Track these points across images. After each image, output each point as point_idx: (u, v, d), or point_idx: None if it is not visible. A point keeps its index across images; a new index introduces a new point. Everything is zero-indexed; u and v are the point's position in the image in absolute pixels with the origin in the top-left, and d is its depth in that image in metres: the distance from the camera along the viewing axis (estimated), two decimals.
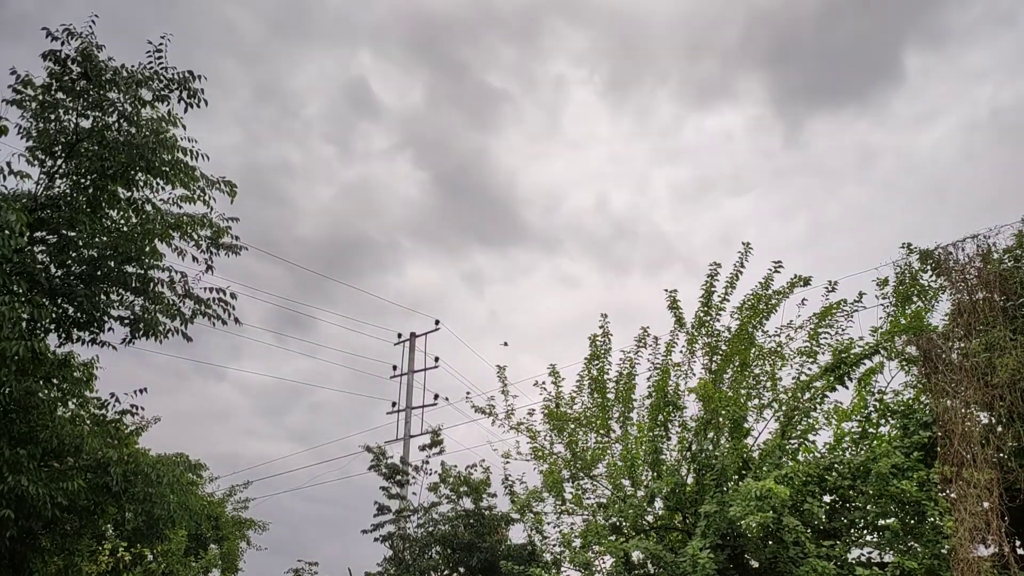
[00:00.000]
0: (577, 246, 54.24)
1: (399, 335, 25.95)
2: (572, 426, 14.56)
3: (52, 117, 10.76)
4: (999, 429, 10.44)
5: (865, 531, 11.62)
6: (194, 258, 11.82)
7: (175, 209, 11.61)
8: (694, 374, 13.70)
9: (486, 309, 54.26)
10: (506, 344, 15.43)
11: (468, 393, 16.45)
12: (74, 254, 11.00)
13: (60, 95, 10.72)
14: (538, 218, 52.80)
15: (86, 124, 10.87)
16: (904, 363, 12.03)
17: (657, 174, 54.57)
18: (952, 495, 10.24)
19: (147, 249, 11.05)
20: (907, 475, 10.64)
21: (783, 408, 12.97)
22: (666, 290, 14.30)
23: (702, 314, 13.80)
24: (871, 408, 12.34)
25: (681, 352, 13.98)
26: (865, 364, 12.50)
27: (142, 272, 11.37)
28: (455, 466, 19.53)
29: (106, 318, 11.51)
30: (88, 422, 12.54)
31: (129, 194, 11.25)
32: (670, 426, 13.64)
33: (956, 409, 10.57)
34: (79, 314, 11.23)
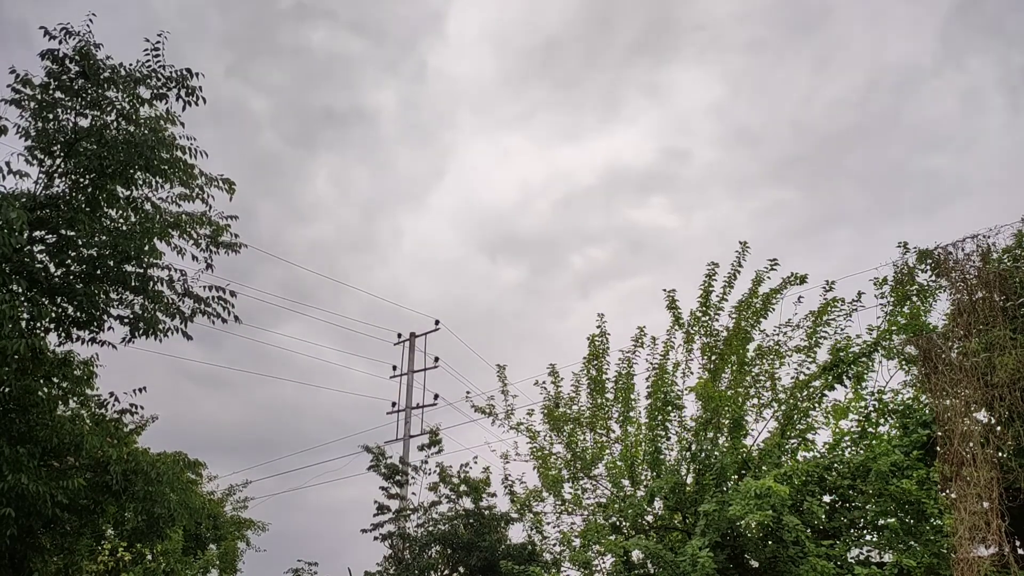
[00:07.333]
0: None
1: (399, 335, 25.92)
2: (571, 426, 14.54)
3: (51, 116, 10.75)
4: (999, 429, 10.44)
5: (865, 530, 11.63)
6: (193, 257, 11.80)
7: (174, 208, 11.60)
8: (692, 373, 13.71)
9: None
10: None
11: (468, 392, 16.40)
12: (73, 253, 10.97)
13: (59, 94, 10.72)
14: None
15: (84, 123, 10.86)
16: (904, 362, 12.04)
17: None
18: (952, 495, 10.25)
19: (146, 248, 11.00)
20: (907, 474, 10.65)
21: (782, 407, 12.97)
22: (665, 290, 14.32)
23: (700, 313, 13.80)
24: (870, 407, 12.34)
25: (679, 351, 13.98)
26: (863, 362, 12.51)
27: (141, 271, 11.35)
28: (451, 466, 19.60)
29: (106, 317, 11.49)
30: (88, 421, 12.52)
31: (128, 193, 11.24)
32: (669, 426, 13.63)
33: (956, 409, 10.57)
34: (79, 313, 11.21)
